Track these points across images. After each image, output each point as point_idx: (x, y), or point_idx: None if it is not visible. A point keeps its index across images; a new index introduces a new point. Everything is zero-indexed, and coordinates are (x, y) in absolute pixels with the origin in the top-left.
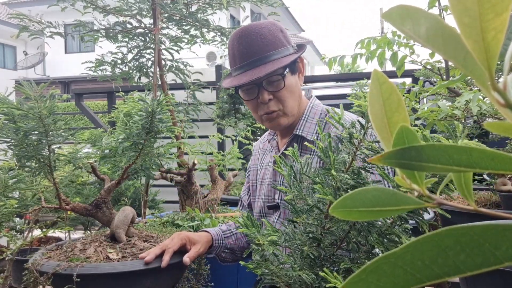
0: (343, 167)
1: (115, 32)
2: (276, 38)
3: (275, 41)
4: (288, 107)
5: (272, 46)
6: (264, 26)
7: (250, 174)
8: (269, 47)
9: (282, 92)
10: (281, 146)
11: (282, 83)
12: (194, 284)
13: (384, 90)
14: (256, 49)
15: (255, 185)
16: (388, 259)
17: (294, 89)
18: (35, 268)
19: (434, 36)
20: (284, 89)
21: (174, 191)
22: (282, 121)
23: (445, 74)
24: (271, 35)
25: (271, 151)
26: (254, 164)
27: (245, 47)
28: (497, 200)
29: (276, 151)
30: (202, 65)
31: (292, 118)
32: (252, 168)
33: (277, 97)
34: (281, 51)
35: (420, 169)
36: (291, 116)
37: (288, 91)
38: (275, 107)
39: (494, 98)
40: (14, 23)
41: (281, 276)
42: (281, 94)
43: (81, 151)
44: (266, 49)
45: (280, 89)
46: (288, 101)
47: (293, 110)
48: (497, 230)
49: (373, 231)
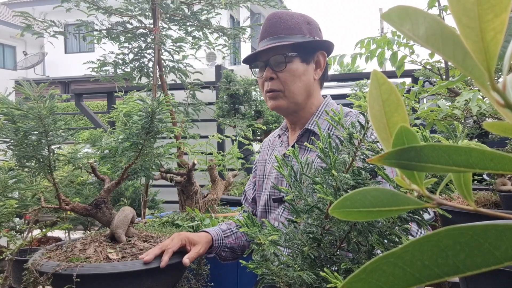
0: (343, 168)
1: (117, 33)
2: (296, 26)
3: (293, 27)
4: (289, 90)
5: (287, 30)
6: (289, 14)
7: (257, 169)
8: (285, 30)
9: (284, 73)
10: (291, 141)
11: (284, 65)
12: (193, 284)
13: (383, 90)
14: (272, 30)
15: (262, 180)
16: (388, 259)
17: (300, 76)
18: (35, 268)
19: (433, 36)
20: (286, 71)
21: (174, 191)
22: (281, 103)
23: (445, 74)
24: (292, 22)
25: (280, 146)
26: (262, 159)
27: (265, 28)
28: (496, 200)
29: (286, 145)
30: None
31: (293, 104)
32: (260, 163)
33: (279, 78)
34: (294, 37)
35: (420, 170)
36: (291, 101)
37: (291, 75)
38: (275, 86)
39: (493, 98)
40: (14, 23)
41: (281, 276)
42: (283, 76)
43: (81, 151)
44: (280, 32)
45: (281, 70)
46: (289, 84)
47: (295, 96)
48: (497, 230)
49: (374, 231)
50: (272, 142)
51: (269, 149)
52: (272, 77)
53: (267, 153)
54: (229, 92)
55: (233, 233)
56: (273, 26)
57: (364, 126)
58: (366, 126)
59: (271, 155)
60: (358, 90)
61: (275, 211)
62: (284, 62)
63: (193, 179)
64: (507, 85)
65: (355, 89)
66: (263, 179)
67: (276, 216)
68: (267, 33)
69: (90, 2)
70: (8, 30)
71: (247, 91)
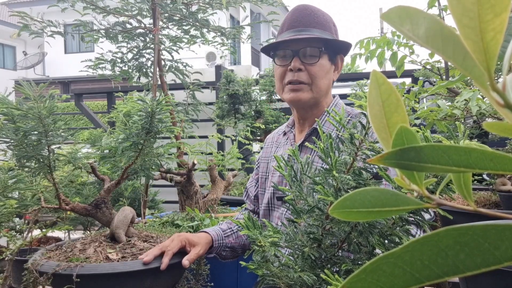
0: (344, 168)
1: (115, 32)
2: (326, 23)
3: (324, 24)
4: (317, 85)
5: (321, 25)
6: (320, 10)
7: (260, 166)
8: (318, 25)
9: (314, 67)
10: (298, 139)
11: (317, 58)
12: (193, 284)
13: (383, 91)
14: (305, 21)
15: (264, 177)
16: (388, 259)
17: (327, 74)
18: (35, 268)
19: (433, 36)
20: (317, 65)
21: (173, 191)
22: (304, 95)
23: (445, 74)
24: (323, 18)
25: (286, 144)
26: (266, 156)
27: (297, 17)
28: (496, 200)
29: (292, 143)
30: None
31: (314, 100)
32: (263, 161)
33: (308, 70)
34: (326, 34)
35: (420, 170)
36: (315, 96)
37: (321, 70)
38: (304, 78)
39: (493, 99)
40: (14, 23)
41: (282, 277)
42: (313, 69)
43: (81, 151)
44: (314, 25)
45: (313, 63)
46: (318, 79)
47: (320, 92)
48: (497, 230)
49: (375, 232)
50: (276, 139)
51: (272, 146)
52: (301, 68)
53: (271, 150)
54: (229, 92)
55: (234, 232)
56: (307, 17)
57: (365, 126)
58: (367, 126)
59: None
60: (359, 90)
61: (279, 209)
62: (317, 56)
63: (193, 179)
64: (507, 85)
65: (355, 89)
66: (266, 176)
67: (280, 214)
68: (297, 23)
69: (88, 2)
70: (8, 30)
71: (247, 91)
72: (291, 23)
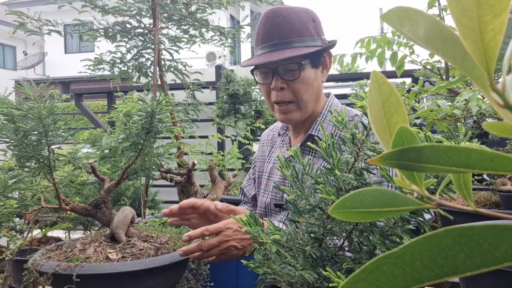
0: (345, 168)
1: (114, 32)
2: (304, 27)
3: (302, 29)
4: (302, 100)
5: (297, 33)
6: (295, 12)
7: (257, 165)
8: (294, 33)
9: (296, 83)
10: (293, 144)
11: (298, 73)
12: (193, 284)
13: (383, 91)
14: (280, 33)
15: (261, 178)
16: (388, 259)
17: (312, 83)
18: (35, 268)
19: (433, 37)
20: (299, 80)
21: (174, 191)
22: (295, 116)
23: (445, 74)
24: (299, 22)
25: (281, 146)
26: (262, 155)
27: (269, 29)
28: (497, 200)
29: (288, 147)
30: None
31: (306, 114)
32: (259, 160)
33: (291, 87)
34: (305, 41)
35: (420, 170)
36: (304, 112)
37: (303, 84)
38: (288, 97)
39: (493, 99)
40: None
41: (283, 275)
42: (296, 85)
43: (81, 151)
44: (290, 35)
45: (294, 79)
46: (302, 94)
47: (307, 105)
48: (496, 230)
49: (376, 231)
50: (271, 138)
51: (268, 145)
52: (283, 87)
53: (267, 149)
54: (229, 92)
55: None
56: (279, 27)
57: (366, 126)
58: (368, 127)
59: (271, 153)
60: (359, 90)
61: (276, 216)
62: (298, 71)
63: (193, 179)
64: (507, 85)
65: (355, 89)
66: (262, 176)
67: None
68: (272, 36)
69: (86, 0)
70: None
71: (247, 91)
72: (264, 37)
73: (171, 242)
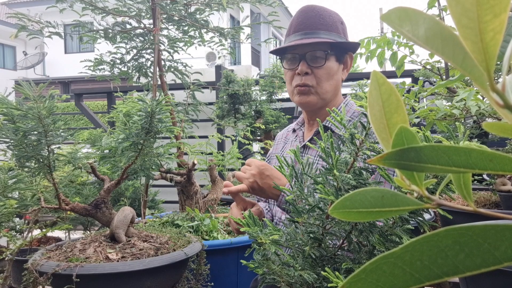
0: (345, 168)
1: (114, 33)
2: (333, 24)
3: (331, 25)
4: (322, 87)
5: (326, 27)
6: (326, 10)
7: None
8: (324, 26)
9: (320, 70)
10: (306, 137)
11: (323, 61)
12: (193, 284)
13: (383, 91)
14: (311, 24)
15: None
16: (388, 259)
17: (333, 75)
18: (35, 268)
19: (433, 37)
20: (323, 68)
21: (174, 191)
22: (312, 99)
23: (445, 74)
24: (330, 19)
25: (294, 140)
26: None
27: (302, 20)
28: (496, 200)
29: (301, 140)
30: (202, 65)
31: (322, 101)
32: (273, 157)
33: (314, 73)
34: (333, 35)
35: (419, 170)
36: (322, 98)
37: (326, 73)
38: (309, 81)
39: (492, 99)
40: (14, 23)
41: (282, 275)
42: (319, 72)
43: (81, 151)
44: (320, 27)
45: (319, 66)
46: (323, 82)
47: (326, 94)
48: (496, 230)
49: (375, 231)
50: (286, 136)
51: (281, 142)
52: (307, 72)
53: (280, 146)
54: (229, 92)
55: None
56: (311, 19)
57: (365, 126)
58: (367, 127)
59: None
60: (359, 90)
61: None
62: (324, 59)
63: (193, 179)
64: (506, 85)
65: (355, 89)
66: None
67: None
68: (303, 26)
69: (86, 2)
70: (8, 30)
71: (247, 91)
72: (297, 26)
73: (171, 242)
